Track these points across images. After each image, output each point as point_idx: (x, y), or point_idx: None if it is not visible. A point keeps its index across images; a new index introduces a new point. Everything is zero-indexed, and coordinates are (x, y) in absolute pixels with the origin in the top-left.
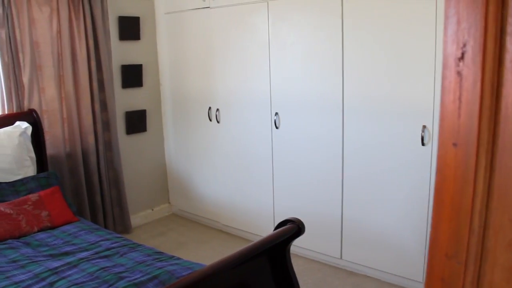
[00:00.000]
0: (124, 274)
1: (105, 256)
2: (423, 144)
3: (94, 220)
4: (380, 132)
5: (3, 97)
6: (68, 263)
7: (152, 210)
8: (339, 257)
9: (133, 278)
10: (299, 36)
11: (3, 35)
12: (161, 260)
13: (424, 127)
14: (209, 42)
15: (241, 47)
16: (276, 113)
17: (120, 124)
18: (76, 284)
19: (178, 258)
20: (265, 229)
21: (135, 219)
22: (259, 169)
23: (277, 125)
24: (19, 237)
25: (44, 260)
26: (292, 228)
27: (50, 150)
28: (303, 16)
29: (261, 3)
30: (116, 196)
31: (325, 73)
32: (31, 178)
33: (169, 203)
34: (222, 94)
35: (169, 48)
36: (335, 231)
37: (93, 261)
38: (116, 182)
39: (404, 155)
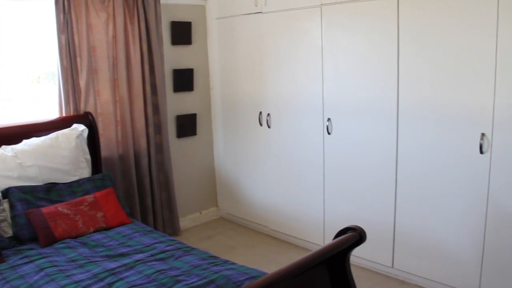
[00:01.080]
0: (180, 278)
1: (161, 259)
2: (481, 152)
3: (145, 222)
4: (436, 139)
5: (61, 100)
6: (125, 265)
7: (200, 213)
8: (391, 266)
9: (190, 281)
10: (353, 40)
11: (63, 40)
12: (216, 264)
13: (483, 134)
14: (260, 46)
15: (293, 52)
16: (329, 119)
17: (171, 128)
18: (134, 286)
19: (233, 263)
20: (315, 236)
21: (184, 222)
22: (309, 175)
23: (329, 131)
24: (76, 237)
25: (101, 260)
26: (354, 236)
27: (103, 152)
28: (357, 21)
29: (315, 8)
30: (166, 199)
31: (380, 78)
32: (87, 179)
33: (217, 206)
34: (274, 99)
35: (220, 53)
36: (387, 239)
37: (149, 264)
38: (167, 185)
39: (461, 163)
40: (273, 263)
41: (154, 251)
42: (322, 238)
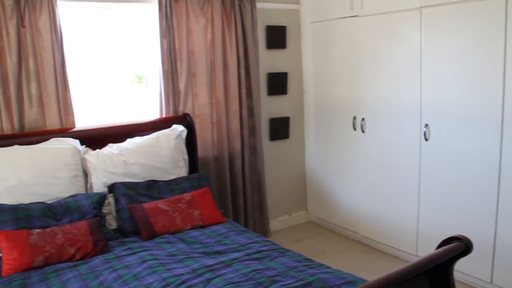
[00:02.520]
0: (277, 278)
1: (257, 259)
2: None
3: (236, 222)
4: None
5: (162, 102)
6: (222, 262)
7: (290, 216)
8: (489, 281)
9: (286, 282)
10: (454, 44)
11: (165, 45)
12: (312, 267)
13: None
14: (356, 50)
15: (390, 56)
16: (426, 125)
17: (264, 130)
18: (232, 283)
19: (328, 267)
20: (407, 244)
21: (273, 224)
22: (404, 182)
23: (426, 137)
24: (174, 233)
25: (199, 257)
26: (459, 247)
27: (199, 152)
28: (459, 23)
29: (414, 10)
30: (257, 200)
31: (483, 83)
32: (185, 178)
33: (307, 210)
34: (369, 103)
35: (314, 57)
36: (486, 253)
37: (246, 262)
38: (259, 187)
39: None
40: (363, 269)
41: (249, 251)
42: (414, 247)
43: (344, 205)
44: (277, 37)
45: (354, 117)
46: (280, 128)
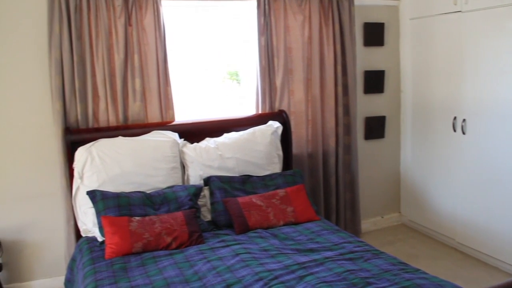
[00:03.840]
0: (371, 280)
1: (350, 259)
2: None
3: (327, 220)
4: None
5: (258, 98)
6: (315, 260)
7: (382, 217)
8: None
9: (381, 286)
10: None
11: (263, 42)
12: (407, 271)
13: None
14: (458, 47)
15: (495, 53)
16: None
17: (359, 129)
18: (325, 282)
19: (425, 272)
20: (509, 255)
21: (364, 225)
22: (508, 188)
23: None
24: (266, 228)
25: (292, 253)
26: None
27: (293, 149)
28: None
29: None
30: (350, 200)
31: None
32: (279, 174)
33: (400, 212)
34: (471, 103)
35: (413, 54)
36: None
37: (339, 262)
38: (352, 186)
39: None
40: (459, 278)
41: (342, 250)
42: None
43: (440, 209)
44: (374, 34)
45: (455, 118)
46: (375, 127)
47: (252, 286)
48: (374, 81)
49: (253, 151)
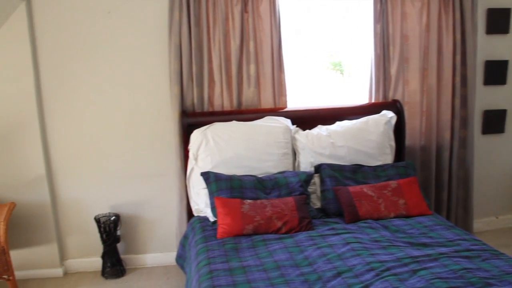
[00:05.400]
0: (491, 281)
1: (466, 257)
2: None
3: None
4: None
5: (372, 87)
6: (428, 255)
7: (497, 218)
8: None
9: None
10: None
11: (378, 29)
12: None
13: None
14: None
15: None
16: None
17: (476, 122)
18: (440, 278)
19: None
20: None
21: (477, 224)
22: None
23: None
24: (377, 219)
25: (404, 246)
26: None
27: (406, 140)
28: None
29: None
30: (462, 197)
31: None
32: (391, 165)
33: None
34: None
35: None
36: None
37: (454, 259)
38: (465, 182)
39: None
40: None
41: (458, 248)
42: None
43: None
44: (498, 20)
45: None
46: (494, 121)
47: (364, 276)
48: (496, 72)
49: (365, 141)
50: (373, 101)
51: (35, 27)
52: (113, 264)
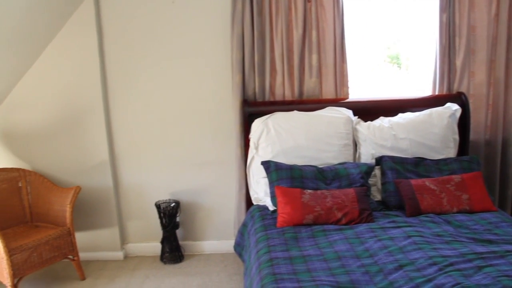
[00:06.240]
0: None
1: None
2: None
3: None
4: None
5: (436, 78)
6: (494, 252)
7: None
8: None
9: None
10: None
11: (444, 19)
12: None
13: None
14: None
15: None
16: None
17: None
18: (507, 276)
19: None
20: None
21: None
22: None
23: None
24: (439, 214)
25: (467, 242)
26: None
27: (470, 134)
28: None
29: None
30: None
31: None
32: (454, 159)
33: None
34: None
35: None
36: None
37: None
38: None
39: None
40: None
41: None
42: None
43: None
44: None
45: None
46: None
47: (426, 270)
48: None
49: (428, 133)
50: (436, 93)
51: (102, 18)
52: (172, 250)
